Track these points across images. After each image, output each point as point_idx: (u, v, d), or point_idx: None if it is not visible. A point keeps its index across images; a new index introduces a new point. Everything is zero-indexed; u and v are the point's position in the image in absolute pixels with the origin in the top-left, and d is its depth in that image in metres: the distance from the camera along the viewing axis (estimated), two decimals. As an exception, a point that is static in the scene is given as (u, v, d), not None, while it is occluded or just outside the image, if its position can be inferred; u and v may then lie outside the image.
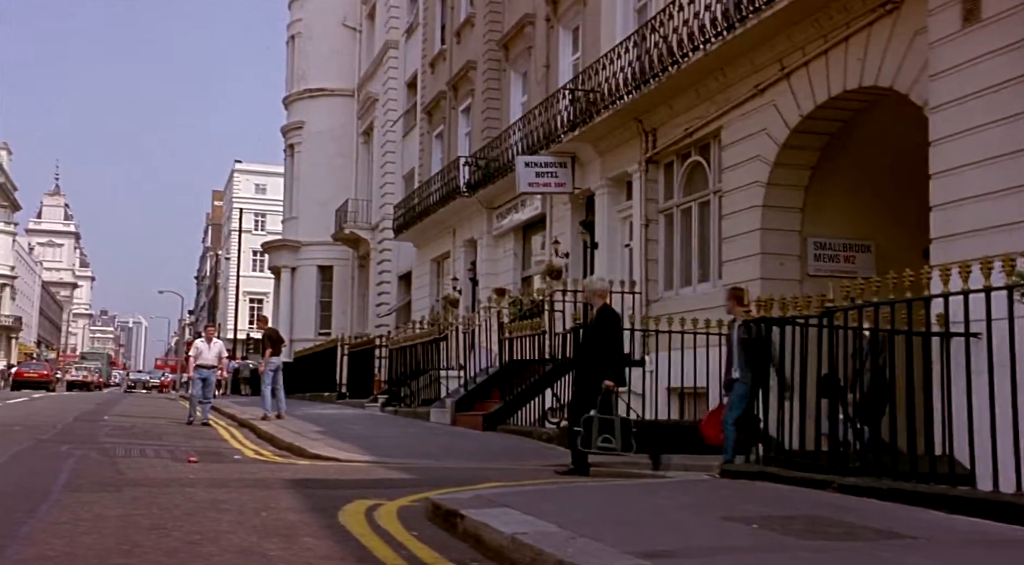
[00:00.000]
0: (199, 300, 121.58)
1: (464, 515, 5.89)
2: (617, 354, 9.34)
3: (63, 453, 10.36)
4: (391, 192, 30.48)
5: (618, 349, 9.39)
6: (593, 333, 9.35)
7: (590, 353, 9.27)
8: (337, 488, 8.04)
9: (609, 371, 9.04)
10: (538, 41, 19.87)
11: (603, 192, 16.60)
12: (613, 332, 9.25)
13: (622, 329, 9.54)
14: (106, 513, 6.22)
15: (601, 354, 9.09)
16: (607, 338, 9.15)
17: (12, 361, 71.77)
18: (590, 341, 9.39)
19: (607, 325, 9.21)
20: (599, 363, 9.08)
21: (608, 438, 8.91)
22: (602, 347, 9.11)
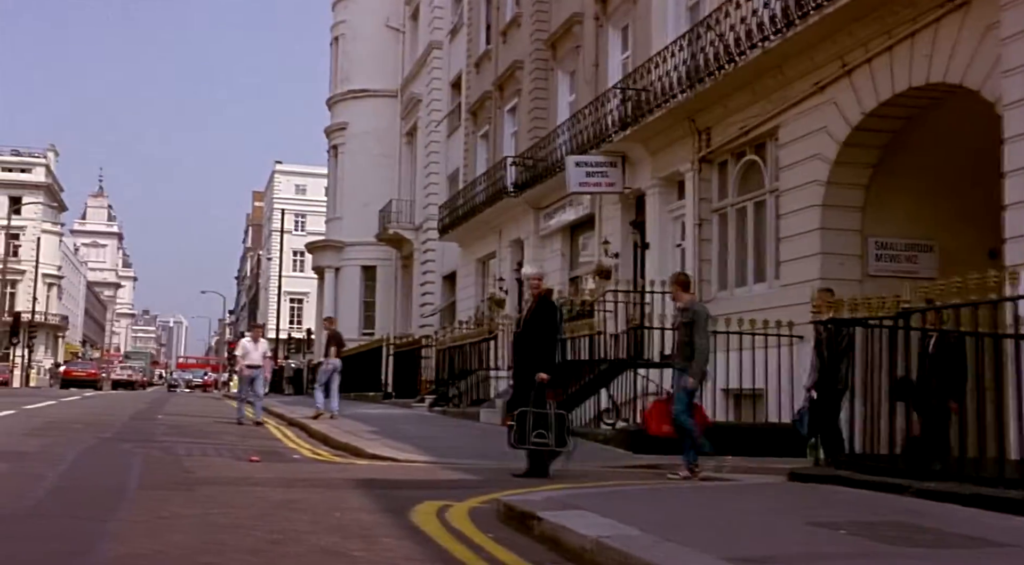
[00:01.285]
0: (239, 300, 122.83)
1: (540, 517, 5.87)
2: (553, 346, 8.79)
3: (128, 451, 10.50)
4: (435, 192, 30.54)
5: (555, 341, 8.82)
6: (532, 322, 8.79)
7: (527, 345, 8.79)
8: (403, 489, 8.05)
9: (544, 364, 8.61)
10: (586, 40, 19.80)
11: (654, 192, 16.50)
12: (550, 323, 8.74)
13: (560, 320, 9.03)
14: (184, 512, 6.27)
15: (537, 346, 8.65)
16: (544, 329, 8.69)
17: (59, 360, 73.02)
18: (527, 332, 8.82)
19: (544, 316, 8.74)
20: (535, 355, 8.65)
21: (542, 433, 8.50)
22: (538, 339, 8.67)
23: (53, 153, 77.57)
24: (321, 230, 76.31)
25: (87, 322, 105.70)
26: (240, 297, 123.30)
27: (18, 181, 71.48)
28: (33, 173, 73.76)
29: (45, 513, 5.96)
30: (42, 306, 70.08)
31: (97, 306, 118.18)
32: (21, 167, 73.66)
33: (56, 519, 5.74)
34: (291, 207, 76.75)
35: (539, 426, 8.44)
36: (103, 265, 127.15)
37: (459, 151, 28.74)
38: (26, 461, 8.41)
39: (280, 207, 76.21)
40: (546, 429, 8.46)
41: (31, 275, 67.52)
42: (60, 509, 6.17)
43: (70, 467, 8.28)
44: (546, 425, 8.46)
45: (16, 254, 66.03)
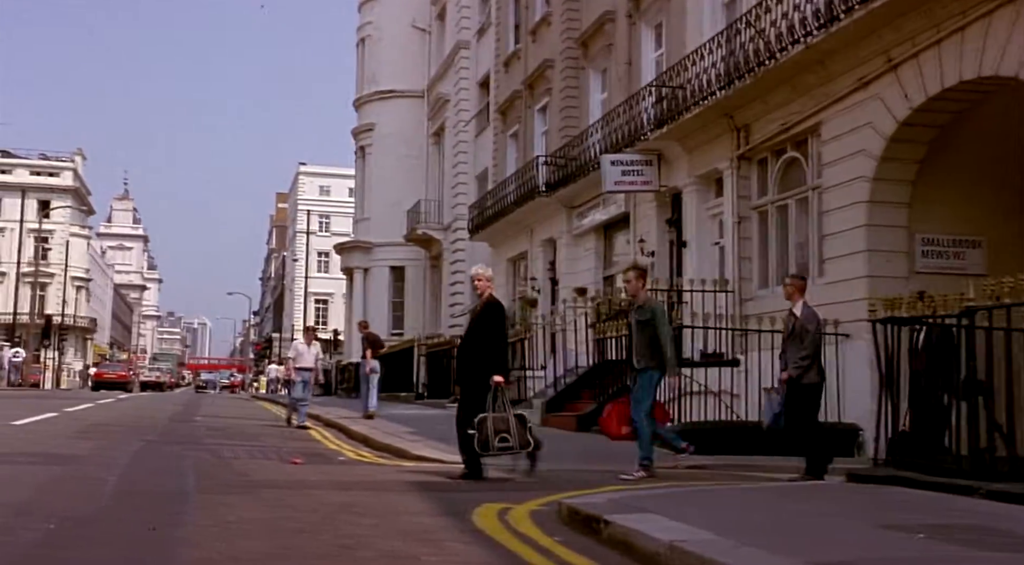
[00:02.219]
0: (264, 301, 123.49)
1: (609, 521, 5.82)
2: (503, 348, 8.65)
3: (177, 454, 10.54)
4: (463, 192, 30.54)
5: (504, 344, 8.70)
6: (477, 326, 8.64)
7: (475, 348, 8.61)
8: (458, 491, 8.03)
9: (496, 366, 8.45)
10: (619, 38, 19.71)
11: (691, 190, 16.40)
12: (499, 324, 8.59)
13: (506, 321, 8.86)
14: (248, 515, 6.27)
15: (486, 349, 8.48)
16: (492, 331, 8.52)
17: (88, 362, 73.65)
18: (474, 335, 8.66)
19: (492, 318, 8.57)
20: (485, 359, 8.48)
21: (505, 438, 8.36)
22: (486, 341, 8.51)
23: (80, 157, 78.23)
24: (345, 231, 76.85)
25: (114, 324, 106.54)
26: (264, 298, 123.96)
27: (47, 185, 72.13)
28: (61, 177, 74.43)
29: (115, 517, 5.97)
30: (71, 309, 70.72)
31: (124, 308, 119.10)
32: (50, 171, 74.35)
33: (127, 523, 5.75)
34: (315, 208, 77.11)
35: (501, 430, 8.35)
36: (129, 267, 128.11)
37: (488, 151, 28.72)
38: (82, 464, 8.46)
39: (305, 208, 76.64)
40: (508, 433, 8.35)
41: (60, 278, 68.18)
42: (128, 513, 6.18)
43: (126, 470, 8.30)
44: (507, 429, 8.36)
45: (45, 257, 66.64)
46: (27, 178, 71.16)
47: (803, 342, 8.82)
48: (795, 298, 9.19)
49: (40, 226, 59.65)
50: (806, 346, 8.76)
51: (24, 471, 7.95)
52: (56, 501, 6.45)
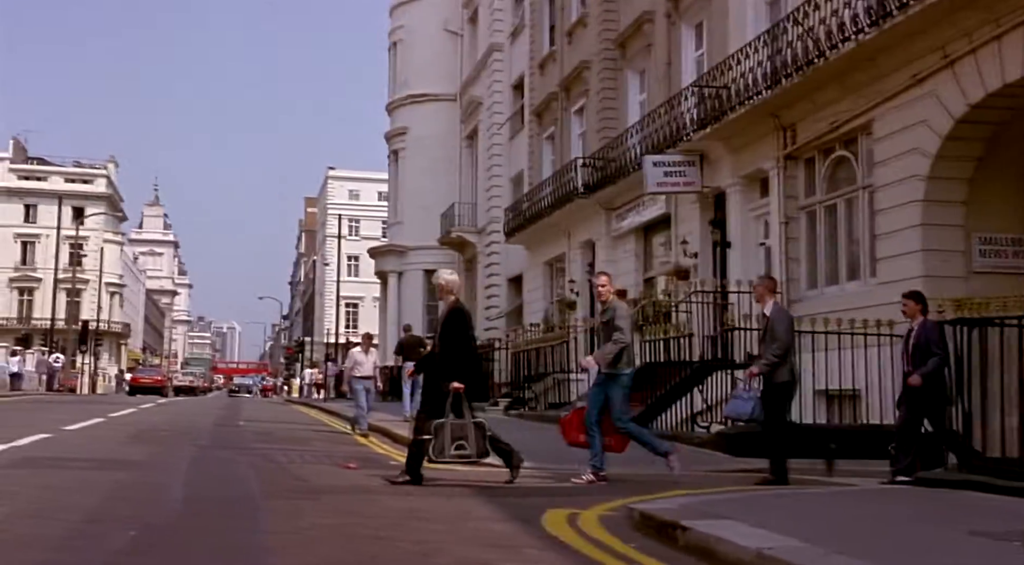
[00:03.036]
0: (293, 305, 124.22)
1: (687, 527, 5.73)
2: (466, 354, 8.53)
3: (230, 459, 10.56)
4: (498, 195, 30.51)
5: (466, 349, 8.56)
6: (440, 332, 8.61)
7: (440, 354, 8.55)
8: (520, 496, 7.97)
9: (456, 372, 8.34)
10: (658, 38, 19.60)
11: (735, 190, 16.26)
12: (461, 331, 8.51)
13: (471, 327, 8.70)
14: (320, 521, 6.25)
15: (448, 355, 8.42)
16: (454, 337, 8.46)
17: (122, 366, 74.37)
18: (440, 340, 8.59)
19: (454, 324, 8.52)
20: (446, 364, 8.42)
21: (462, 445, 8.26)
22: (449, 347, 8.45)
23: (113, 164, 79.08)
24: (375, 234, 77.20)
25: (147, 329, 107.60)
26: (294, 302, 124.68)
27: (81, 192, 72.95)
28: (95, 184, 75.27)
29: (192, 524, 5.97)
30: (105, 314, 71.42)
31: (155, 313, 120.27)
32: (83, 178, 75.20)
33: (206, 531, 5.75)
34: (345, 212, 77.51)
35: (458, 437, 8.25)
36: (160, 273, 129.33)
37: (523, 153, 28.67)
38: (143, 470, 8.48)
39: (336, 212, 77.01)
40: (465, 440, 8.26)
41: (95, 284, 68.84)
42: (204, 520, 6.18)
43: (189, 477, 8.32)
44: (465, 436, 8.26)
45: (80, 264, 67.35)
46: (62, 185, 72.02)
47: (772, 341, 8.86)
48: (765, 299, 9.22)
49: (77, 232, 60.32)
50: (776, 344, 8.79)
51: (89, 477, 7.98)
52: (129, 508, 6.46)
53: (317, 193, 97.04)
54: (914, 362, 8.87)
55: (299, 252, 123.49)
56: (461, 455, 8.29)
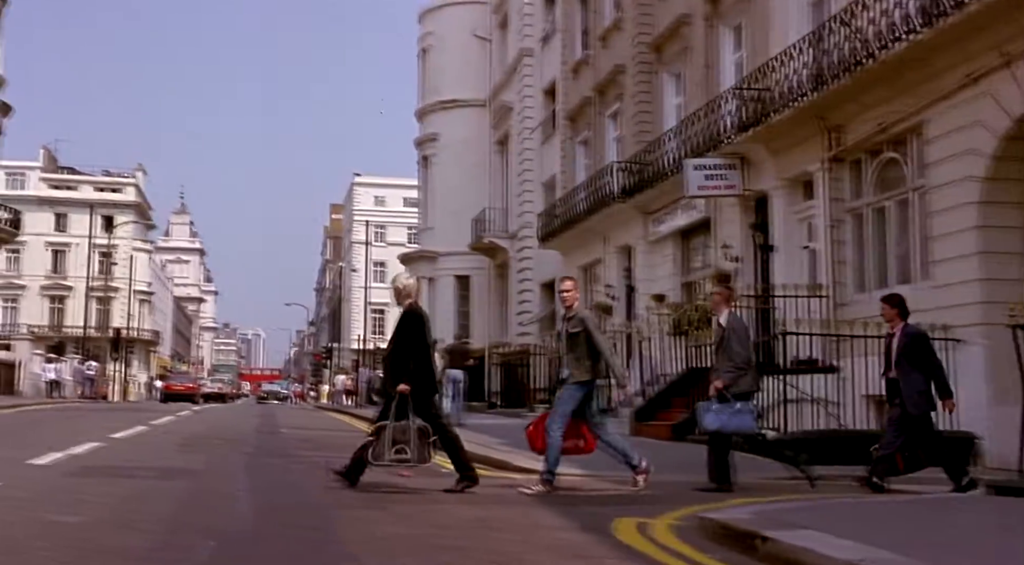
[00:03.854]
0: (319, 312, 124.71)
1: (769, 537, 5.62)
2: (417, 358, 8.31)
3: (283, 466, 10.55)
4: (530, 200, 30.46)
5: (417, 352, 8.34)
6: (393, 335, 8.53)
7: (391, 356, 8.48)
8: (585, 504, 7.90)
9: (404, 375, 8.19)
10: (695, 41, 19.49)
11: (778, 193, 16.11)
12: (414, 334, 8.36)
13: (425, 331, 8.50)
14: (393, 531, 6.20)
15: (397, 357, 8.32)
16: (406, 340, 8.35)
17: (152, 374, 74.93)
18: (393, 344, 8.53)
19: (407, 327, 8.39)
20: (394, 367, 8.34)
21: (403, 449, 8.05)
22: (399, 350, 8.34)
23: (142, 172, 79.77)
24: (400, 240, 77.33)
25: (175, 336, 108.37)
26: (320, 308, 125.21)
27: (110, 201, 73.60)
28: (124, 193, 75.94)
29: (269, 534, 5.95)
30: (135, 322, 72.01)
31: (183, 320, 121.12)
32: (113, 187, 75.89)
33: (286, 541, 5.72)
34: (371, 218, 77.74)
35: (399, 441, 8.06)
36: (187, 280, 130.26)
37: (555, 158, 28.61)
38: (204, 479, 8.48)
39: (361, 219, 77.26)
40: (406, 444, 8.05)
41: (125, 292, 69.49)
42: (279, 529, 6.17)
43: (248, 484, 8.30)
44: (407, 440, 8.06)
45: (110, 272, 68.02)
46: (91, 194, 72.73)
47: (732, 351, 8.71)
48: (720, 308, 9.08)
49: (110, 241, 60.92)
50: (737, 354, 8.67)
51: (154, 486, 7.98)
52: (202, 517, 6.44)
53: (343, 199, 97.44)
54: (900, 369, 8.76)
55: (325, 259, 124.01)
56: (400, 460, 8.08)
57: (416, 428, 8.06)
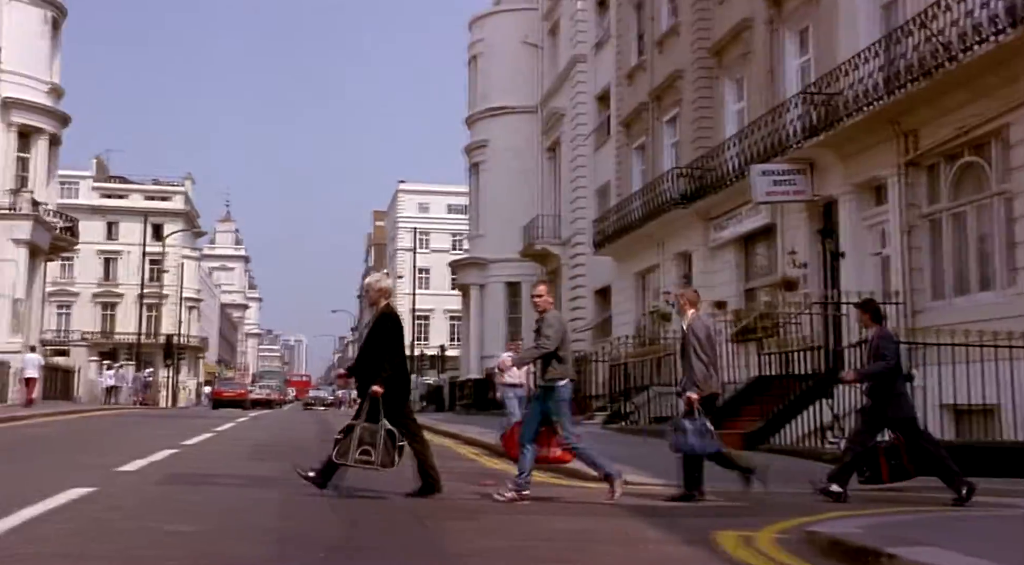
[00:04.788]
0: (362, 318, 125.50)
1: (893, 555, 5.46)
2: (392, 360, 8.17)
3: (356, 474, 10.42)
4: (583, 207, 30.35)
5: (392, 354, 8.21)
6: (368, 337, 8.40)
7: (364, 359, 8.35)
8: (679, 515, 7.76)
9: (377, 377, 8.04)
10: (757, 46, 19.27)
11: (847, 198, 15.85)
12: (388, 336, 8.21)
13: (401, 333, 8.36)
14: (493, 545, 6.10)
15: (373, 360, 8.17)
16: (380, 342, 8.20)
17: (200, 380, 75.78)
18: (365, 346, 8.44)
19: (382, 329, 8.25)
20: (368, 369, 8.20)
21: (368, 450, 7.89)
22: (373, 352, 8.20)
23: (190, 181, 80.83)
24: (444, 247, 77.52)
25: (221, 343, 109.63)
26: (363, 315, 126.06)
27: (160, 209, 74.60)
28: (173, 201, 76.98)
29: (374, 545, 5.90)
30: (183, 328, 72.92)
31: (228, 327, 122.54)
32: (162, 195, 76.98)
33: (392, 552, 5.68)
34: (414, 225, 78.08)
35: (365, 442, 7.90)
36: (232, 287, 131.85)
37: (608, 164, 28.48)
38: (289, 488, 8.38)
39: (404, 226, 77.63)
40: (372, 446, 7.90)
41: (174, 299, 70.33)
42: (382, 539, 6.14)
43: (332, 493, 8.26)
44: (373, 443, 7.90)
45: (160, 279, 68.90)
46: (141, 203, 73.82)
47: (695, 355, 8.53)
48: (686, 311, 8.89)
49: (164, 248, 61.84)
50: (700, 358, 8.50)
51: (246, 495, 7.98)
52: (303, 527, 6.42)
53: (386, 206, 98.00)
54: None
55: (367, 265, 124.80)
56: (365, 461, 7.94)
57: (385, 431, 7.95)
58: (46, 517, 6.29)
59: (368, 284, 8.55)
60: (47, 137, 35.16)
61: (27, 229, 32.40)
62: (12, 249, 31.97)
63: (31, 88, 34.28)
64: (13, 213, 32.33)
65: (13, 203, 32.56)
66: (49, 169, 35.71)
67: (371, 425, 7.96)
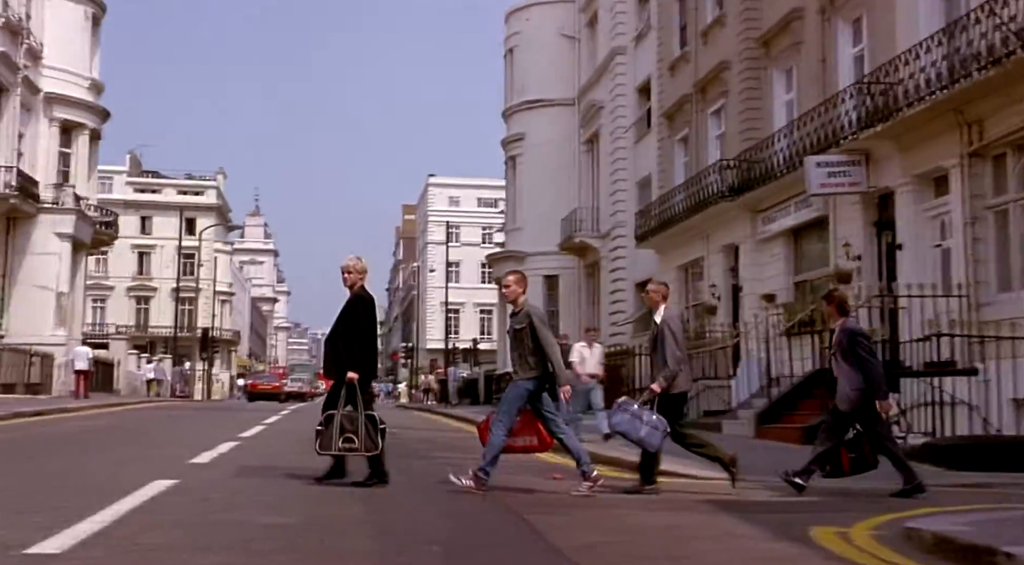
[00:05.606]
0: (391, 312, 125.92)
1: (1012, 554, 5.32)
2: (365, 343, 8.04)
3: (426, 469, 10.46)
4: (623, 199, 30.20)
5: (367, 338, 8.07)
6: (342, 319, 8.17)
7: (337, 343, 8.15)
8: (762, 511, 7.66)
9: (352, 362, 7.92)
10: (808, 35, 19.03)
11: (906, 189, 15.61)
12: (361, 319, 8.06)
13: (374, 316, 8.21)
14: (594, 539, 6.04)
15: (347, 345, 8.00)
16: (353, 326, 8.05)
17: (232, 373, 76.32)
18: (337, 330, 8.20)
19: (355, 312, 8.10)
20: (342, 354, 8.03)
21: (351, 438, 7.82)
22: (347, 336, 8.03)
23: (222, 176, 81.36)
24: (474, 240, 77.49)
25: (251, 336, 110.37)
26: (392, 309, 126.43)
27: (192, 204, 75.19)
28: (205, 196, 77.52)
29: (485, 542, 5.87)
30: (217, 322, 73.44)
31: (258, 320, 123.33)
32: (195, 190, 77.54)
33: (505, 549, 5.66)
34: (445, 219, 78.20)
35: (347, 430, 7.83)
36: (261, 281, 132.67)
37: (649, 157, 28.31)
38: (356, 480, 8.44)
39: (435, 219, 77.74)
40: (354, 433, 7.82)
41: (207, 293, 70.87)
42: (487, 536, 6.11)
43: (412, 487, 8.24)
44: (355, 430, 7.82)
45: (193, 273, 69.43)
46: (174, 197, 74.41)
47: (668, 349, 8.37)
48: (657, 305, 8.73)
49: (200, 243, 62.36)
50: (673, 352, 8.35)
51: (327, 488, 7.95)
52: (399, 519, 6.41)
53: (415, 200, 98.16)
54: (837, 366, 8.63)
55: (396, 259, 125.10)
56: (349, 449, 7.89)
57: (365, 417, 7.89)
58: (145, 508, 6.31)
59: (346, 266, 8.38)
60: (88, 132, 35.46)
61: (70, 223, 32.72)
62: (56, 243, 32.30)
63: (72, 84, 34.58)
64: (57, 208, 32.65)
65: (56, 198, 32.89)
66: (90, 164, 36.01)
67: (350, 412, 7.91)
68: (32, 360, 29.51)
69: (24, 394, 27.46)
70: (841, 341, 8.64)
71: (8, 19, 30.29)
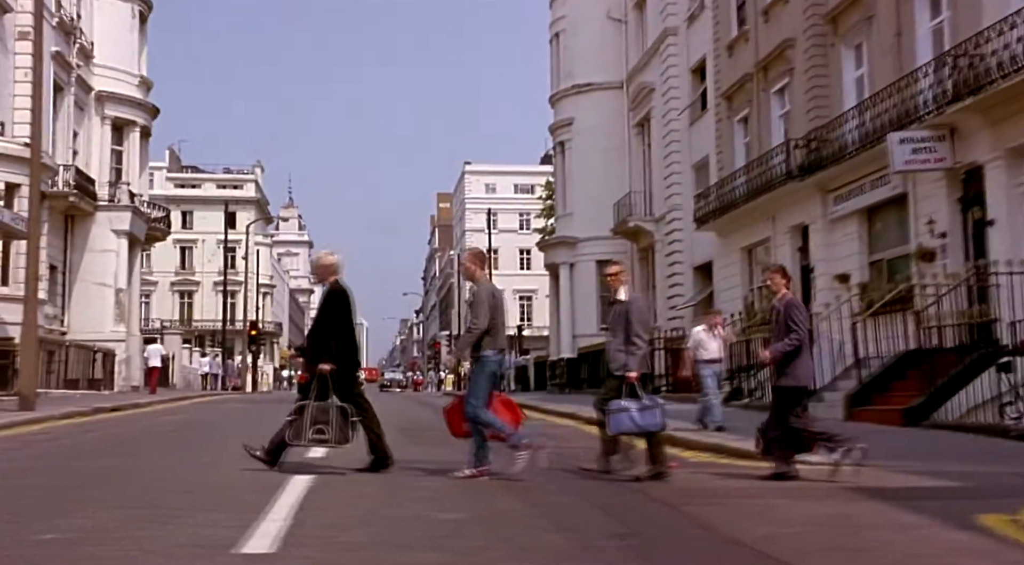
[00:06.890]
0: (427, 301, 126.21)
1: None
2: (340, 336, 8.15)
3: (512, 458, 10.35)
4: (678, 182, 29.90)
5: (341, 331, 8.18)
6: (317, 313, 8.41)
7: (313, 336, 8.38)
8: (910, 498, 7.43)
9: (326, 354, 8.03)
10: (882, 9, 18.63)
11: (997, 165, 15.24)
12: (337, 313, 8.17)
13: (349, 309, 8.23)
14: (773, 531, 5.88)
15: (323, 337, 8.15)
16: (329, 319, 8.18)
17: (275, 365, 76.86)
18: (314, 323, 8.45)
19: (331, 305, 8.22)
20: (317, 346, 8.19)
21: (322, 429, 7.89)
22: (322, 328, 8.20)
23: (260, 169, 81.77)
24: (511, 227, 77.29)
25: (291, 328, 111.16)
26: (428, 298, 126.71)
27: (232, 197, 75.67)
28: (244, 189, 77.97)
29: (657, 534, 5.76)
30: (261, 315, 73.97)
31: (296, 312, 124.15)
32: (234, 184, 78.01)
33: (685, 541, 5.54)
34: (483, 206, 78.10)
35: (319, 421, 7.89)
36: (297, 273, 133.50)
37: (704, 138, 27.98)
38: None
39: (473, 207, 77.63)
40: (326, 424, 7.89)
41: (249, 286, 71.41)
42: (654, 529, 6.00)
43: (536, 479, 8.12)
44: (327, 421, 7.89)
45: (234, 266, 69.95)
46: (213, 192, 74.90)
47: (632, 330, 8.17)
48: (619, 286, 8.54)
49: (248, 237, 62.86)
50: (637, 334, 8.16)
51: (456, 483, 7.84)
52: (559, 515, 6.31)
53: (451, 188, 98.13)
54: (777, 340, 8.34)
55: (432, 247, 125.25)
56: (320, 440, 7.98)
57: (337, 408, 7.93)
58: (310, 505, 6.25)
59: (314, 261, 8.51)
60: (138, 129, 35.67)
61: (127, 220, 32.98)
62: (113, 240, 32.59)
63: (122, 82, 34.78)
64: (113, 205, 32.91)
65: (112, 195, 33.15)
66: (141, 160, 36.25)
67: (322, 403, 7.97)
68: (95, 356, 29.87)
69: (88, 389, 27.76)
70: (778, 313, 8.42)
71: (62, 18, 30.46)
